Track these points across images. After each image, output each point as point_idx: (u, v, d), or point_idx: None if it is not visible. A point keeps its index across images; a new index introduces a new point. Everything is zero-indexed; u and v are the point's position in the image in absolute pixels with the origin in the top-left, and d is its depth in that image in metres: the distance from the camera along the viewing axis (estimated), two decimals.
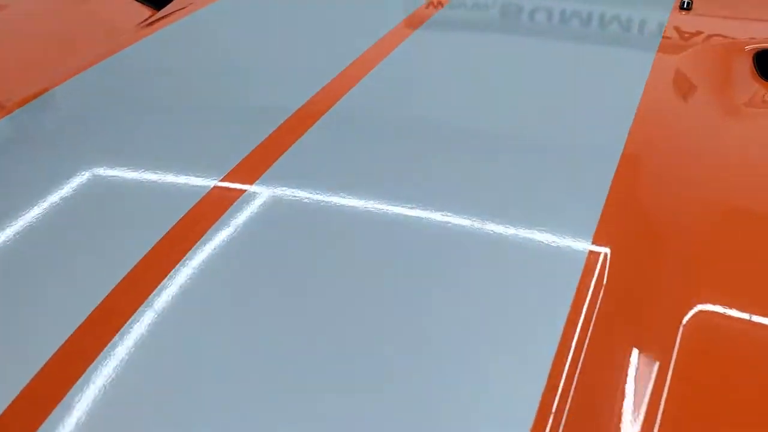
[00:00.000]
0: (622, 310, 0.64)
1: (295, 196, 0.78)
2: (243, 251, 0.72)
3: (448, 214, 0.74)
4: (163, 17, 1.29)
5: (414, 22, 1.22)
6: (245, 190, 0.79)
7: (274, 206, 0.77)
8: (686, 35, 1.18)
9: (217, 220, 0.74)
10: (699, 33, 1.19)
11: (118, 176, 0.84)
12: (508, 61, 1.12)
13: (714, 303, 0.66)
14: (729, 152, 0.91)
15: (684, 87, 1.04)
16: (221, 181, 0.80)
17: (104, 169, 0.85)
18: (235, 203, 0.77)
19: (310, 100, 0.95)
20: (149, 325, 0.63)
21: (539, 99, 0.99)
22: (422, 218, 0.75)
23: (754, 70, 1.11)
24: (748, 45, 1.13)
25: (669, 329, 0.63)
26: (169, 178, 0.82)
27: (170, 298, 0.66)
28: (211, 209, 0.76)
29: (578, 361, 0.59)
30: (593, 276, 0.67)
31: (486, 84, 1.04)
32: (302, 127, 0.89)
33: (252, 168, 0.82)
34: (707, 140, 0.92)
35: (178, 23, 1.25)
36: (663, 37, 1.17)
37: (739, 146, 0.93)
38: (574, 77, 1.05)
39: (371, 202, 0.77)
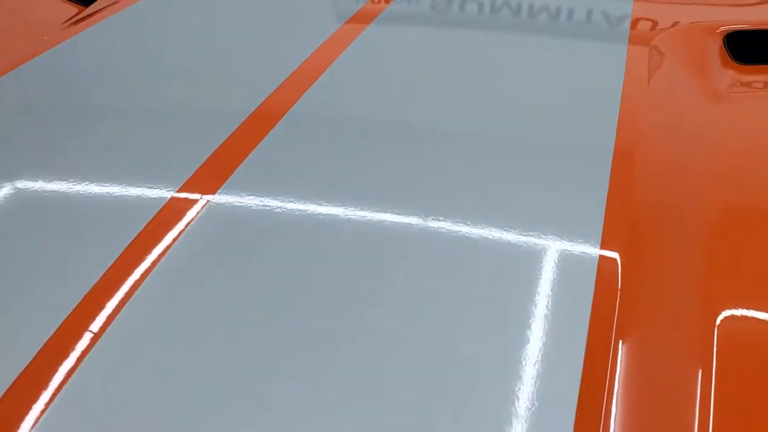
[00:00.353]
0: (642, 307, 0.60)
1: (264, 205, 0.69)
2: (211, 270, 0.63)
3: (441, 219, 0.67)
4: (90, 15, 1.17)
5: (364, 18, 1.13)
6: (208, 201, 0.69)
7: (241, 216, 0.68)
8: (653, 22, 1.14)
9: (179, 236, 0.65)
10: (665, 19, 1.15)
11: (55, 193, 0.73)
12: (470, 57, 1.05)
13: (735, 296, 0.62)
14: (718, 138, 0.86)
15: (662, 75, 0.99)
16: (178, 191, 0.70)
17: (39, 186, 0.73)
18: (198, 216, 0.67)
19: (266, 102, 0.87)
20: (108, 364, 0.54)
21: (514, 97, 0.93)
22: (413, 225, 0.67)
23: (725, 52, 1.08)
24: (718, 28, 1.09)
25: (692, 327, 0.59)
26: (118, 191, 0.71)
27: (131, 329, 0.56)
28: (170, 224, 0.66)
29: (607, 366, 0.55)
30: (608, 277, 0.62)
31: (452, 81, 0.97)
32: (261, 130, 0.80)
33: (212, 175, 0.72)
34: (695, 127, 0.88)
35: (107, 21, 1.14)
36: (631, 25, 1.12)
37: (726, 131, 0.89)
38: (547, 73, 0.99)
39: (352, 208, 0.69)
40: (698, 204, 0.73)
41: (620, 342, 0.56)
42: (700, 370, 0.55)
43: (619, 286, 0.61)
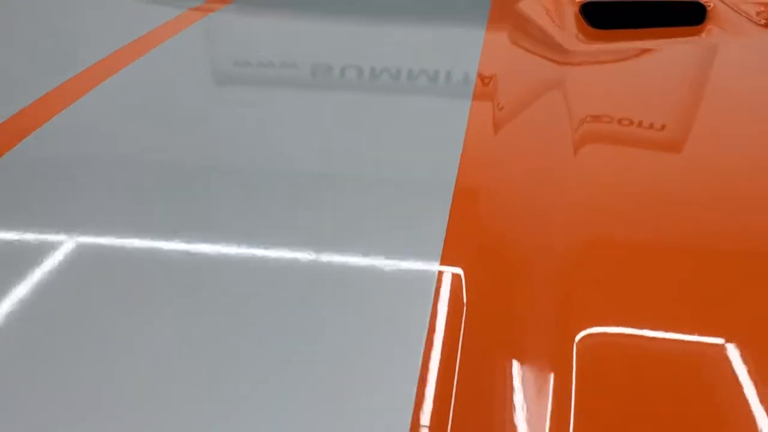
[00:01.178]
0: (483, 328, 0.59)
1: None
2: None
3: (257, 247, 0.63)
4: None
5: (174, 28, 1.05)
6: None
7: None
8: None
9: None
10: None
11: None
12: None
13: (588, 316, 0.60)
14: (571, 151, 0.81)
15: (519, 48, 0.96)
16: None
17: None
18: None
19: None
20: None
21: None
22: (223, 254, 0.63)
23: (583, 21, 1.06)
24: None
25: (538, 343, 0.57)
26: None
27: None
28: None
29: (443, 386, 0.52)
30: (446, 298, 0.60)
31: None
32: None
33: None
34: (548, 121, 0.84)
35: None
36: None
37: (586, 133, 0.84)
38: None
39: (132, 238, 0.64)
40: (548, 224, 0.70)
41: (464, 362, 0.55)
42: (551, 388, 0.53)
43: (462, 304, 0.59)
